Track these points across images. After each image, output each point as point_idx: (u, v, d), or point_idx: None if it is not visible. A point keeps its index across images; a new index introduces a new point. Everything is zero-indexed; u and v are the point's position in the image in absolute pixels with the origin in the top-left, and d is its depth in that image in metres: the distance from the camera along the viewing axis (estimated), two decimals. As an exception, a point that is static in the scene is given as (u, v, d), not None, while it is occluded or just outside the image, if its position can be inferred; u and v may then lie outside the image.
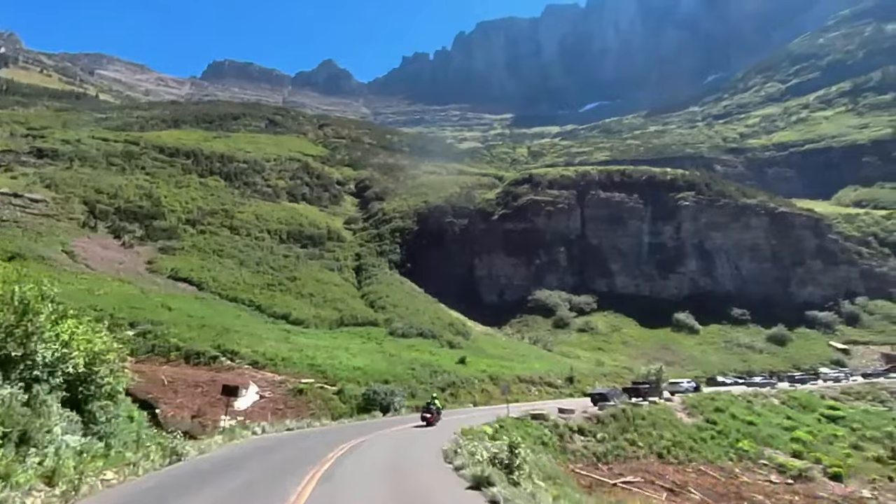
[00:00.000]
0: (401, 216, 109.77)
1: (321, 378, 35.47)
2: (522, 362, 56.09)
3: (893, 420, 42.48)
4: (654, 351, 79.77)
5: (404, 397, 36.10)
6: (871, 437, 39.29)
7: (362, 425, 28.87)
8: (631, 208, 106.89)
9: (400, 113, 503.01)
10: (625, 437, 29.98)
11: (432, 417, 28.81)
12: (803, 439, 36.71)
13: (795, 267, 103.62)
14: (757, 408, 42.61)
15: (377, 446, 20.96)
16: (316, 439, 23.51)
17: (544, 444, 25.11)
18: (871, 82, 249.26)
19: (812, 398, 48.14)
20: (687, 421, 36.91)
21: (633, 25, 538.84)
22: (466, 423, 25.86)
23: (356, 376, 37.04)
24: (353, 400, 33.34)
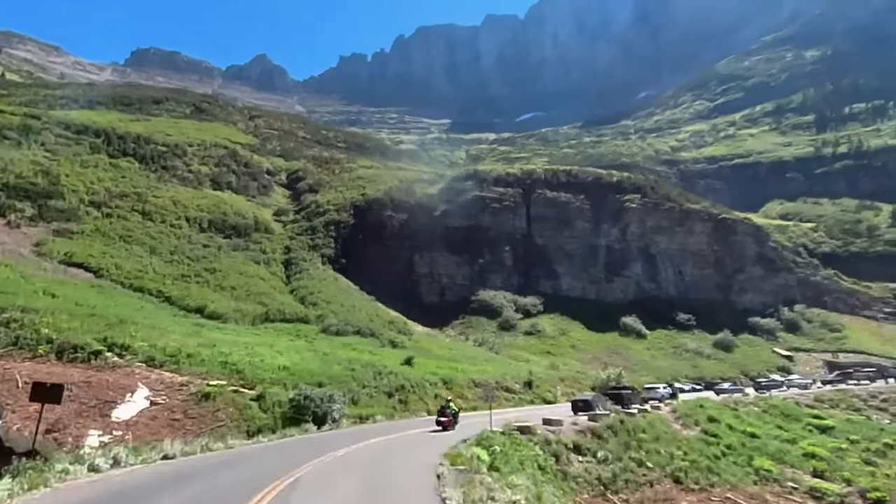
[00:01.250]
0: (336, 209, 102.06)
1: (237, 379, 28.00)
2: (474, 364, 50.19)
3: (882, 430, 39.65)
4: (604, 355, 75.94)
5: (344, 404, 29.35)
6: (875, 450, 35.88)
7: (297, 446, 21.82)
8: (578, 209, 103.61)
9: (336, 112, 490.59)
10: (630, 455, 24.62)
11: (448, 422, 26.71)
12: (818, 455, 32.64)
13: (737, 273, 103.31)
14: (746, 417, 38.51)
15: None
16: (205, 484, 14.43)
17: (541, 467, 19.21)
18: (793, 104, 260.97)
19: (791, 406, 44.93)
20: (686, 433, 32.10)
21: (569, 39, 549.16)
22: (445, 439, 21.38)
23: (282, 377, 29.74)
24: (276, 407, 26.02)
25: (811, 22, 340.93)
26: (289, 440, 23.76)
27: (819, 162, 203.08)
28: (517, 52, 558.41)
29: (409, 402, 33.70)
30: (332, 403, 28.05)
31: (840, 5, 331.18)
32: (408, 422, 30.32)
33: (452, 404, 28.11)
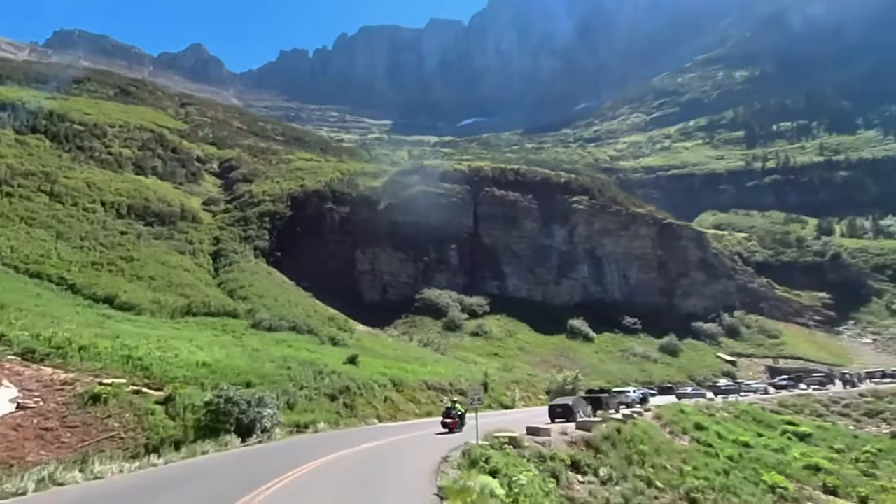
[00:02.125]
0: (272, 199, 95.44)
1: (141, 378, 22.42)
2: (424, 365, 45.77)
3: (856, 437, 38.06)
4: (552, 358, 73.18)
5: (278, 409, 24.05)
6: (865, 459, 33.93)
7: (202, 474, 15.87)
8: (526, 208, 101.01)
9: (274, 108, 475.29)
10: (635, 473, 20.87)
11: (454, 423, 25.64)
12: (822, 467, 30.10)
13: (680, 278, 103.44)
14: (726, 424, 35.85)
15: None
16: None
17: (545, 492, 15.08)
18: (725, 120, 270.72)
19: (761, 412, 42.94)
20: (680, 443, 28.86)
21: (512, 49, 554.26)
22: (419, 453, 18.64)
23: (200, 376, 24.25)
24: (188, 413, 20.66)
25: (740, 45, 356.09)
26: (198, 461, 17.95)
27: (750, 175, 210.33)
28: (460, 57, 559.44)
29: (356, 406, 28.81)
30: (263, 408, 22.63)
31: (766, 30, 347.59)
32: (357, 432, 25.41)
33: (458, 405, 26.53)
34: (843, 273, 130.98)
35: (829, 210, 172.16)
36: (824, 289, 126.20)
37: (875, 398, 51.93)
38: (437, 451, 18.60)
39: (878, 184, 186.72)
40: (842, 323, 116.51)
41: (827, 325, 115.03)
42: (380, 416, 29.28)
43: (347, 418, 27.23)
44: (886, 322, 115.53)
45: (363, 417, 28.25)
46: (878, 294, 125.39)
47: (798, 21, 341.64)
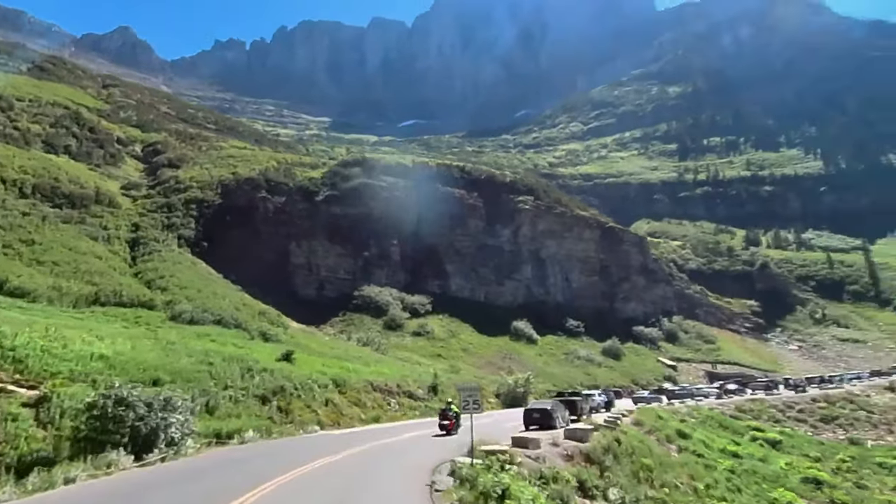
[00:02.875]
0: (200, 186, 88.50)
1: (11, 373, 17.33)
2: (366, 365, 41.57)
3: (822, 444, 36.82)
4: (497, 360, 70.41)
5: (192, 414, 18.99)
6: (846, 469, 32.38)
7: None
8: (471, 207, 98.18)
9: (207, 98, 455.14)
10: (648, 494, 17.71)
11: (451, 424, 25.19)
12: (822, 480, 28.00)
13: (622, 282, 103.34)
14: (702, 431, 33.60)
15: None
16: None
17: None
18: (659, 133, 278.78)
19: (725, 418, 41.25)
20: (671, 454, 26.02)
21: (454, 52, 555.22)
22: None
23: (93, 371, 19.18)
24: (65, 419, 15.65)
25: (674, 61, 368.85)
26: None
27: (682, 187, 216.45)
28: (402, 58, 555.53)
29: (293, 410, 24.34)
30: (170, 413, 17.48)
31: (699, 49, 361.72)
32: (296, 444, 20.84)
33: (454, 406, 25.65)
34: (771, 282, 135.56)
35: (756, 222, 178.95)
36: (753, 297, 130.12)
37: (828, 403, 51.99)
38: (419, 474, 14.57)
39: (800, 199, 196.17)
40: (770, 330, 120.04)
41: (756, 332, 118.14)
42: (321, 421, 24.99)
43: (282, 425, 22.76)
44: (810, 330, 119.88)
45: (301, 424, 23.84)
46: (803, 303, 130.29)
47: (729, 41, 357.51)
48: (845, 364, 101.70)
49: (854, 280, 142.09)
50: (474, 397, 17.59)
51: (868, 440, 44.57)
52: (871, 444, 42.82)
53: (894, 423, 49.65)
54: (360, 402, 29.32)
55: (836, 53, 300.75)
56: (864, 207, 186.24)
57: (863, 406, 52.12)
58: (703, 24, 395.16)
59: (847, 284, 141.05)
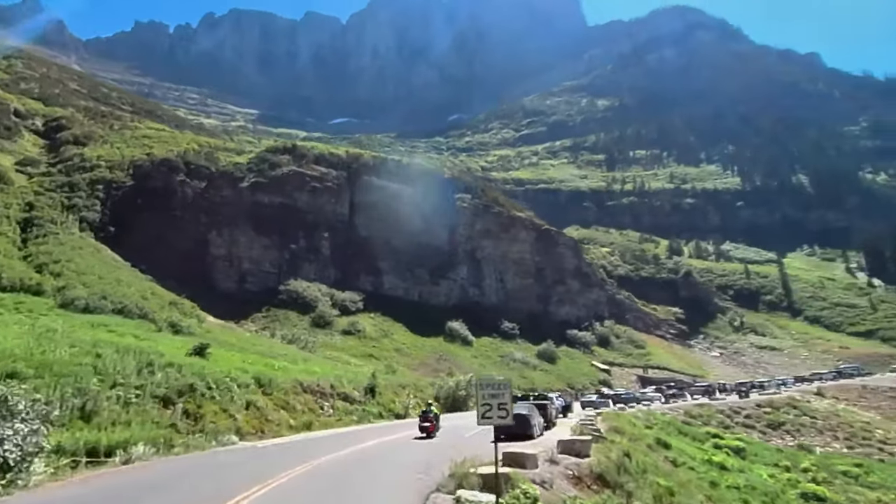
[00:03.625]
0: (109, 166, 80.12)
1: None
2: (294, 363, 36.81)
3: (779, 451, 35.37)
4: (432, 361, 66.87)
5: (51, 424, 13.57)
6: (822, 479, 30.69)
7: None
8: (407, 202, 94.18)
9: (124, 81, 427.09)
10: None
11: (431, 427, 24.24)
12: (824, 497, 25.73)
13: (557, 285, 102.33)
14: (673, 439, 31.17)
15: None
16: None
17: None
18: (588, 143, 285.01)
19: (683, 425, 39.33)
20: (666, 466, 23.09)
21: (388, 53, 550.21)
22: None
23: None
24: None
25: (603, 76, 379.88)
26: None
27: (610, 196, 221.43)
28: (336, 55, 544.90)
29: (205, 414, 19.35)
30: (4, 422, 12.08)
31: (627, 66, 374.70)
32: (201, 465, 15.74)
33: (434, 407, 25.17)
34: (694, 291, 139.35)
35: (678, 232, 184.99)
36: (677, 304, 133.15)
37: (773, 409, 51.77)
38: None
39: (719, 213, 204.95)
40: (693, 337, 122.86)
41: (680, 338, 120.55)
42: (240, 429, 20.20)
43: (189, 434, 17.75)
44: (730, 337, 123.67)
45: (215, 432, 18.88)
46: (723, 311, 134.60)
47: (654, 60, 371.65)
48: (763, 370, 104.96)
49: (769, 291, 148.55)
50: (500, 400, 11.72)
51: (817, 447, 44.32)
52: (819, 450, 42.52)
53: (838, 428, 50.09)
54: (289, 406, 24.80)
55: (752, 78, 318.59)
56: (776, 223, 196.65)
57: (806, 412, 52.45)
58: (629, 43, 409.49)
59: (762, 295, 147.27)
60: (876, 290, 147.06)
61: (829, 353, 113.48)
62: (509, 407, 11.94)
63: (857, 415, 54.00)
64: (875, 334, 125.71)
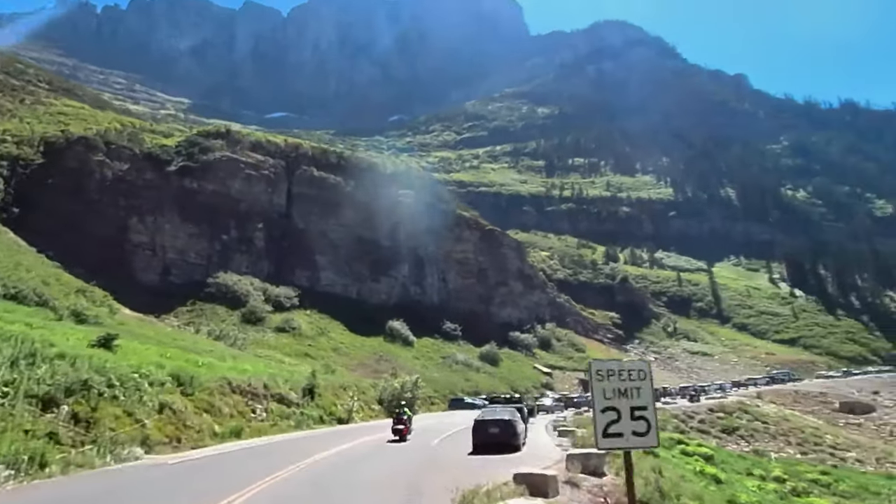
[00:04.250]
0: (16, 141, 72.15)
1: None
2: (222, 360, 32.48)
3: (742, 457, 34.04)
4: (371, 361, 63.28)
5: None
6: (800, 489, 29.13)
7: None
8: (348, 195, 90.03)
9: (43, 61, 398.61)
10: None
11: (405, 430, 22.85)
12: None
13: (499, 287, 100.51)
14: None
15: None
16: None
17: None
18: (528, 149, 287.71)
19: None
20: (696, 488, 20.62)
21: (330, 49, 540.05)
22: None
23: None
24: None
25: (544, 85, 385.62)
26: None
27: (549, 201, 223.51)
28: (275, 47, 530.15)
29: (101, 419, 14.99)
30: None
31: (567, 76, 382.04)
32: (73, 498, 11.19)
33: (407, 409, 24.67)
34: (630, 296, 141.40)
35: (614, 239, 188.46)
36: (614, 309, 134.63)
37: (726, 414, 51.29)
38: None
39: (652, 222, 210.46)
40: (629, 342, 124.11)
41: (617, 343, 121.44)
42: (149, 437, 15.93)
43: (73, 448, 13.34)
44: (664, 342, 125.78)
45: (113, 443, 14.30)
46: (657, 317, 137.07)
47: (594, 72, 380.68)
48: (697, 375, 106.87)
49: (699, 298, 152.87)
50: (636, 402, 7.91)
51: (772, 452, 43.87)
52: (774, 455, 42.01)
53: (790, 434, 50.17)
54: (214, 409, 20.79)
55: (685, 94, 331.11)
56: (705, 233, 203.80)
57: (757, 416, 52.39)
58: (571, 54, 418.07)
59: (694, 302, 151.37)
60: (797, 299, 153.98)
61: (756, 359, 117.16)
62: (652, 416, 8.10)
63: (805, 420, 54.61)
64: (798, 342, 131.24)
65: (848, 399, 72.97)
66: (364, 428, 29.26)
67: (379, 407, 39.49)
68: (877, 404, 73.09)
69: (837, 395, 74.98)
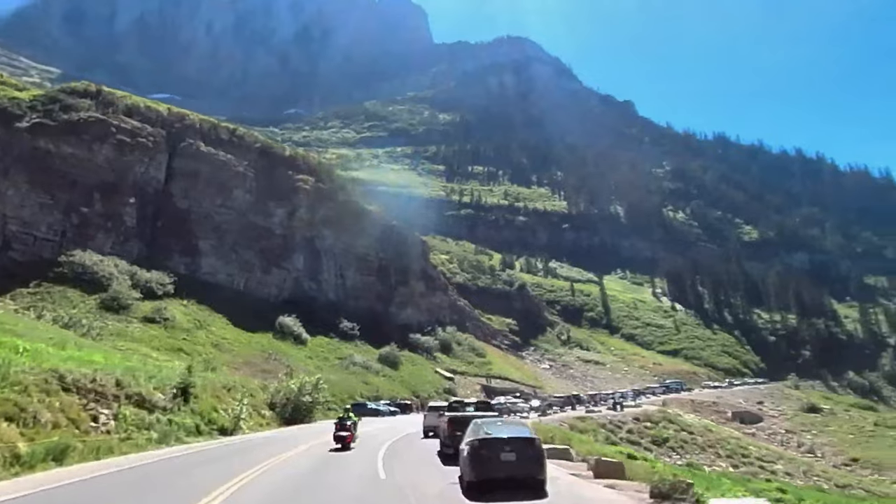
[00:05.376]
0: None
1: None
2: (61, 348, 24.14)
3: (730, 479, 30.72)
4: (258, 360, 55.34)
5: None
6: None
7: None
8: (239, 175, 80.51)
9: None
10: None
11: (350, 437, 21.04)
12: None
13: (400, 286, 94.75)
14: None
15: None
16: None
17: None
18: (429, 153, 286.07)
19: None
20: None
21: (226, 34, 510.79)
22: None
23: None
24: None
25: (447, 91, 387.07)
26: None
27: (448, 206, 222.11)
28: (163, 25, 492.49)
29: None
30: None
31: (469, 85, 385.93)
32: None
33: (352, 414, 22.73)
34: (527, 303, 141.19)
35: (510, 247, 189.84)
36: (511, 315, 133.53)
37: (653, 423, 48.88)
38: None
39: (547, 232, 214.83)
40: (525, 349, 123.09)
41: (514, 349, 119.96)
42: None
43: None
44: (559, 350, 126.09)
45: None
46: (552, 325, 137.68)
47: (495, 84, 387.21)
48: (591, 383, 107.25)
49: (591, 308, 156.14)
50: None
51: (704, 465, 41.71)
52: (707, 469, 39.78)
53: (717, 444, 48.75)
54: (26, 414, 13.22)
55: (579, 114, 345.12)
56: (595, 246, 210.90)
57: (683, 427, 50.72)
58: (473, 64, 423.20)
59: (585, 311, 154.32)
60: (678, 313, 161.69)
61: (646, 368, 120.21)
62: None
63: (726, 430, 54.11)
64: (680, 353, 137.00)
65: (738, 409, 74.91)
66: (260, 443, 22.46)
67: (270, 413, 32.52)
68: (763, 413, 75.55)
69: (728, 404, 76.91)
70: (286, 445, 20.53)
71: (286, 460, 17.12)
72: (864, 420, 72.89)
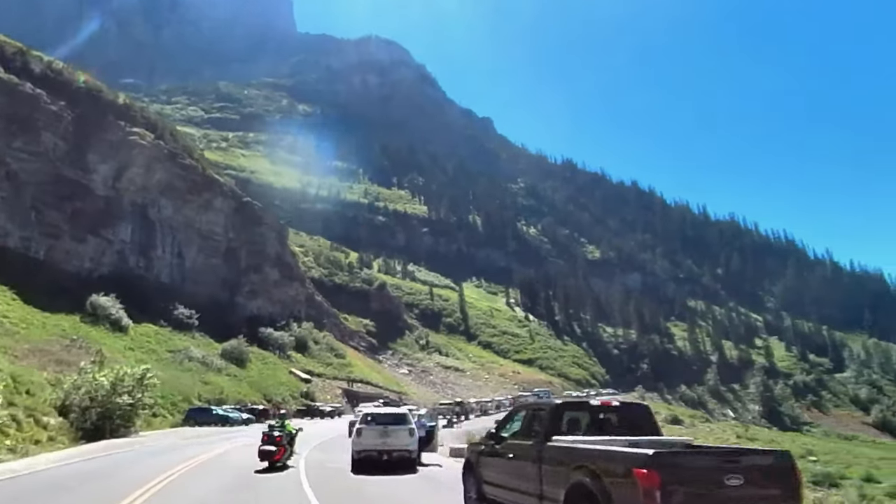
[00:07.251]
0: None
1: None
2: None
3: None
4: (56, 348, 41.00)
5: None
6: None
7: None
8: (51, 115, 62.94)
9: None
10: None
11: (281, 452, 15.87)
12: None
13: (251, 272, 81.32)
14: None
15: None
16: None
17: None
18: (284, 143, 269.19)
19: None
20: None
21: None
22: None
23: None
24: None
25: (307, 83, 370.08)
26: None
27: (303, 198, 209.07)
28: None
29: None
30: None
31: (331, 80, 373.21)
32: None
33: (288, 423, 17.15)
34: (386, 304, 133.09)
35: (368, 247, 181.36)
36: (368, 316, 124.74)
37: None
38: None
39: (406, 235, 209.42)
40: (382, 352, 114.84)
41: (371, 352, 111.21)
42: None
43: None
44: (418, 355, 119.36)
45: None
46: (411, 329, 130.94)
47: (359, 83, 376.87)
48: (452, 390, 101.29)
49: (449, 314, 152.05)
50: None
51: None
52: None
53: None
54: None
55: (441, 123, 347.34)
56: (453, 253, 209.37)
57: None
58: (338, 60, 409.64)
59: (444, 317, 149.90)
60: (532, 323, 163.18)
61: (505, 377, 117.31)
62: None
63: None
64: (535, 362, 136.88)
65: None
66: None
67: (59, 421, 20.60)
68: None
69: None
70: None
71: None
72: (724, 433, 74.39)
